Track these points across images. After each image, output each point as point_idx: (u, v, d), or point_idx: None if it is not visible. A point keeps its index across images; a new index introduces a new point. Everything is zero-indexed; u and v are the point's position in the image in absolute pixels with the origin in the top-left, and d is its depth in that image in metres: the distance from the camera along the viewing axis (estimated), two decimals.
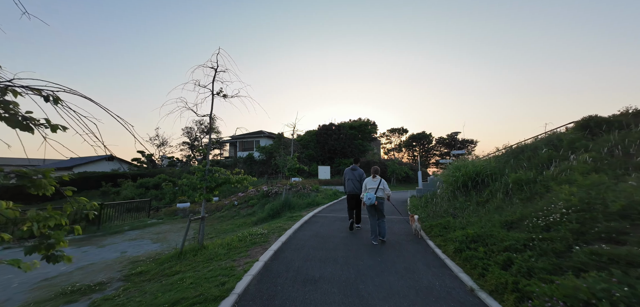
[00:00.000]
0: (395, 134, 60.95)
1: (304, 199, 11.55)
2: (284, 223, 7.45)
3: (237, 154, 33.41)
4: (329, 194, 12.74)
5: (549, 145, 5.88)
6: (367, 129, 31.21)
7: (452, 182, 7.01)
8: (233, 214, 12.25)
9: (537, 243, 3.22)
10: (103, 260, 5.67)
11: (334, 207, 10.26)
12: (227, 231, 8.69)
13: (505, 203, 5.04)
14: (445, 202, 6.71)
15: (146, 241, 7.45)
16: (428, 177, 13.36)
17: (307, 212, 9.34)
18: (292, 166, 11.07)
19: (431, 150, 59.29)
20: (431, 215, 6.56)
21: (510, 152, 7.17)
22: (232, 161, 31.13)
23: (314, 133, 29.77)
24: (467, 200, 6.25)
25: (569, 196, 3.65)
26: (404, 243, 5.14)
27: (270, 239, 5.76)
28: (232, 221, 10.93)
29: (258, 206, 12.30)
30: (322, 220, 7.59)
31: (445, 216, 6.06)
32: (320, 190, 13.93)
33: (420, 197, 8.69)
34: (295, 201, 10.83)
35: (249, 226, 9.32)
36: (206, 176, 5.94)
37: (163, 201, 19.86)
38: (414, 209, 7.75)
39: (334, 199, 12.32)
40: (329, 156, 28.68)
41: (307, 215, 8.29)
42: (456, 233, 4.60)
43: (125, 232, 8.75)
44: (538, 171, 5.26)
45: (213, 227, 9.67)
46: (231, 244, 5.59)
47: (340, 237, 5.68)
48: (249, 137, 33.75)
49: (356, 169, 6.56)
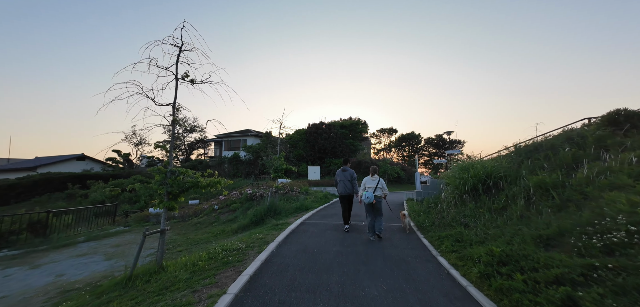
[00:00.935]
0: (384, 134, 60.86)
1: (292, 203, 10.50)
2: (267, 233, 6.39)
3: (222, 153, 31.80)
4: (319, 197, 11.75)
5: (570, 143, 5.15)
6: (358, 128, 30.47)
7: (459, 185, 6.19)
8: (212, 219, 11.02)
9: (605, 273, 2.36)
10: (24, 289, 4.41)
11: (325, 212, 9.27)
12: (201, 242, 7.51)
13: (530, 212, 4.22)
14: (453, 208, 5.88)
15: (98, 257, 6.18)
16: (424, 177, 12.64)
17: (294, 218, 8.30)
18: (279, 167, 9.99)
19: (420, 151, 59.76)
20: (438, 223, 5.70)
21: (521, 150, 6.44)
22: (216, 160, 29.53)
23: (303, 132, 28.69)
24: (478, 206, 5.44)
25: (630, 207, 2.83)
26: (412, 261, 4.21)
27: (247, 257, 4.69)
28: (210, 228, 9.72)
29: (241, 210, 11.13)
30: (311, 229, 6.58)
31: (455, 225, 5.21)
32: (310, 192, 12.92)
33: (421, 201, 7.86)
34: (281, 206, 9.76)
35: (228, 235, 8.17)
36: (167, 180, 4.79)
37: (137, 205, 18.21)
38: (416, 215, 6.90)
39: (324, 202, 11.34)
40: (319, 155, 27.70)
41: (295, 223, 7.26)
42: (476, 250, 3.72)
43: (78, 244, 7.39)
44: (564, 173, 4.49)
45: (186, 236, 8.45)
46: (198, 264, 4.48)
47: (333, 253, 4.69)
48: (235, 136, 32.22)
49: (347, 170, 6.53)
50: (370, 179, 5.80)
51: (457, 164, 7.09)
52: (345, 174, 6.49)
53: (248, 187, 13.43)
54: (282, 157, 10.31)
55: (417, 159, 10.51)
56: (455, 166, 7.09)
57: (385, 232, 6.12)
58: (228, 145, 31.95)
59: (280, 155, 10.40)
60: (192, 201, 17.62)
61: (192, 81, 5.20)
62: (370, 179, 5.80)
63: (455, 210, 5.71)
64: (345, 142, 28.33)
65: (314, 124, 28.77)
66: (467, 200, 5.84)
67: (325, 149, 27.25)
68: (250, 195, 11.84)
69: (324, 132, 27.65)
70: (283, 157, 10.35)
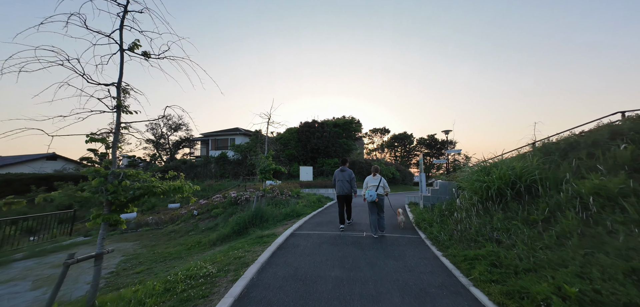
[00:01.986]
0: (377, 134, 60.43)
1: (281, 208, 9.29)
2: (249, 249, 5.19)
3: (208, 153, 30.12)
4: (312, 201, 10.59)
5: (622, 140, 4.20)
6: (351, 127, 29.45)
7: (479, 190, 5.17)
8: (190, 227, 9.66)
9: None
10: None
11: (320, 218, 8.12)
12: (169, 259, 6.21)
13: (593, 229, 3.20)
14: (475, 217, 4.84)
15: (25, 284, 4.78)
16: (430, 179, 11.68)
17: (284, 227, 7.11)
18: (266, 167, 8.77)
19: (412, 151, 59.65)
20: (458, 237, 4.64)
21: (551, 147, 5.48)
22: (202, 160, 27.85)
23: (295, 131, 27.45)
24: (507, 216, 4.41)
25: None
26: (437, 294, 3.11)
27: (216, 289, 3.49)
28: (186, 238, 8.38)
29: (223, 216, 9.83)
30: (303, 242, 5.42)
31: (483, 241, 4.17)
32: (302, 195, 11.73)
33: (431, 208, 6.83)
34: (269, 212, 8.53)
35: (204, 248, 6.89)
36: (107, 185, 3.53)
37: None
38: (427, 224, 5.85)
39: (318, 206, 10.18)
40: (312, 155, 26.52)
41: (284, 234, 6.07)
42: (531, 284, 2.67)
43: (11, 263, 5.93)
44: (626, 177, 3.51)
45: (154, 250, 7.10)
46: (145, 302, 3.24)
47: (332, 281, 3.55)
48: (223, 134, 30.59)
49: (345, 170, 6.71)
50: (372, 178, 6.00)
51: (465, 164, 6.07)
52: (344, 174, 6.60)
53: (232, 190, 12.12)
54: (270, 157, 9.09)
55: (421, 160, 9.37)
56: (471, 166, 6.10)
57: (395, 245, 5.06)
58: (215, 145, 30.31)
59: (268, 154, 9.18)
60: (172, 204, 16.10)
61: (146, 54, 3.95)
62: (372, 178, 6.00)
63: (479, 220, 4.68)
64: (338, 142, 27.27)
65: (306, 122, 27.57)
66: (491, 208, 4.82)
67: (318, 149, 26.10)
68: (235, 199, 10.55)
69: (316, 130, 26.50)
70: (271, 156, 9.13)
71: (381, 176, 6.02)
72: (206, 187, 19.64)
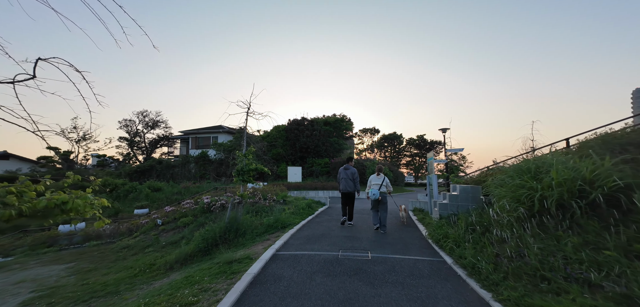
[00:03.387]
0: (367, 134, 59.70)
1: (264, 217, 7.66)
2: (208, 285, 3.57)
3: (188, 152, 27.80)
4: (301, 207, 9.00)
5: None
6: (342, 126, 28.06)
7: (526, 200, 3.80)
8: (149, 241, 7.83)
9: None
10: None
11: (311, 230, 6.54)
12: (100, 294, 4.44)
13: None
14: (530, 239, 3.44)
15: None
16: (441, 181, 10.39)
17: (264, 244, 5.51)
18: (245, 167, 7.13)
19: (402, 151, 59.32)
20: (510, 269, 3.22)
21: (610, 142, 4.21)
22: (180, 160, 25.54)
23: (282, 129, 25.74)
24: (586, 241, 3.04)
25: None
26: None
27: None
28: (139, 257, 6.58)
29: (192, 227, 8.07)
30: (288, 272, 3.84)
31: (557, 277, 2.77)
32: (289, 200, 10.12)
33: (450, 219, 5.44)
34: (247, 222, 6.89)
35: (154, 275, 5.17)
36: None
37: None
38: (452, 242, 4.43)
39: (308, 214, 8.61)
40: (301, 155, 24.90)
41: (262, 257, 4.46)
42: None
43: None
44: None
45: (86, 278, 5.28)
46: None
47: None
48: (204, 132, 28.33)
49: (349, 168, 6.81)
50: (376, 177, 6.25)
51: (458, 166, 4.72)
52: (348, 173, 6.70)
53: (206, 194, 10.32)
54: (250, 155, 7.45)
55: (431, 159, 7.86)
56: (509, 168, 4.76)
57: (417, 276, 3.58)
58: (196, 143, 28.02)
59: (248, 151, 7.53)
60: (140, 209, 13.99)
61: None
62: (376, 177, 6.25)
63: (539, 244, 3.29)
64: (329, 141, 25.80)
65: (295, 120, 25.92)
66: (551, 226, 3.46)
67: (307, 148, 24.51)
68: (208, 205, 8.80)
69: (306, 129, 24.90)
70: (252, 154, 7.49)
71: (384, 175, 6.25)
72: (182, 189, 17.58)
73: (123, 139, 29.44)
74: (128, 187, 16.34)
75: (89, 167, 25.75)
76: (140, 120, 30.24)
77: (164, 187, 17.57)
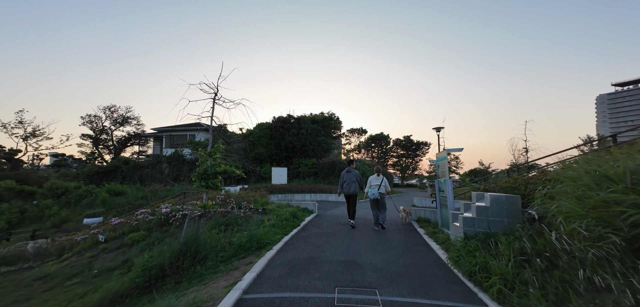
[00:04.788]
0: (354, 135, 58.96)
1: (236, 232, 5.98)
2: None
3: (162, 151, 25.25)
4: (285, 217, 7.37)
5: None
6: (331, 124, 26.66)
7: (623, 223, 2.47)
8: (81, 265, 5.91)
9: None
10: None
11: (297, 251, 4.93)
12: None
13: None
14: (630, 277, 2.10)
15: None
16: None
17: (229, 277, 3.88)
18: (209, 170, 5.46)
19: (389, 152, 59.06)
20: None
21: None
22: (151, 160, 23.00)
23: (266, 127, 23.93)
24: None
25: None
26: None
27: None
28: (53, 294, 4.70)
29: (142, 246, 6.23)
30: None
31: None
32: (270, 208, 8.46)
33: (475, 238, 4.08)
34: (212, 241, 5.20)
35: None
36: None
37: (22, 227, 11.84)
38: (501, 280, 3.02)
39: (293, 226, 7.01)
40: (286, 155, 23.20)
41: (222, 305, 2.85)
42: None
43: None
44: None
45: None
46: None
47: None
48: (180, 130, 25.85)
49: (351, 171, 6.80)
50: (375, 178, 6.57)
51: None
52: (350, 175, 6.73)
53: (166, 203, 8.45)
54: (217, 153, 5.77)
55: (444, 159, 6.39)
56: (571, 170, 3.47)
57: None
58: (171, 142, 25.51)
59: (215, 149, 5.85)
60: (91, 219, 11.72)
61: None
62: (375, 178, 6.57)
63: None
64: (316, 140, 24.30)
65: (280, 117, 24.18)
66: None
67: (293, 147, 22.86)
68: (166, 217, 6.98)
69: (292, 127, 23.24)
70: (220, 153, 5.82)
71: (383, 176, 6.49)
72: (149, 194, 15.35)
73: (86, 137, 26.33)
74: (82, 192, 13.94)
75: (41, 168, 22.58)
76: (108, 116, 27.26)
77: (128, 191, 15.26)
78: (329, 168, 21.37)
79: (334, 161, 22.26)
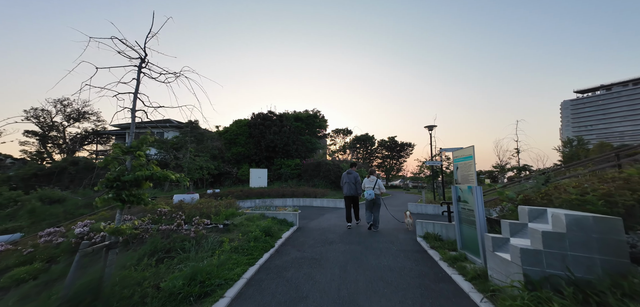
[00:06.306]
0: (340, 135, 57.79)
1: (175, 265, 4.01)
2: None
3: None
4: (255, 235, 5.45)
5: None
6: (316, 123, 24.89)
7: None
8: None
9: None
10: None
11: (265, 301, 3.09)
12: None
13: None
14: None
15: None
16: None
17: None
18: (129, 176, 3.48)
19: (374, 153, 58.49)
20: None
21: None
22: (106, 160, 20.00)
23: (245, 124, 21.71)
24: None
25: None
26: None
27: None
28: None
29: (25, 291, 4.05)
30: None
31: None
32: (237, 221, 6.45)
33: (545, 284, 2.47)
34: (127, 287, 3.22)
35: None
36: None
37: None
38: None
39: (264, 248, 5.10)
40: (267, 155, 21.09)
41: None
42: None
43: None
44: None
45: None
46: None
47: None
48: (146, 126, 22.94)
49: (351, 173, 7.16)
50: (368, 180, 6.95)
51: None
52: (350, 177, 7.07)
53: (83, 220, 6.21)
54: (143, 147, 3.79)
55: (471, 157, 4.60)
56: None
57: None
58: None
59: (140, 141, 3.87)
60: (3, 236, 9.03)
61: None
62: (368, 180, 6.95)
63: None
64: (300, 139, 22.40)
65: (260, 113, 22.05)
66: None
67: (275, 147, 20.80)
68: (80, 237, 4.84)
69: (273, 124, 21.18)
70: (147, 144, 3.84)
71: (376, 178, 6.92)
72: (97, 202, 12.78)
73: (31, 133, 22.63)
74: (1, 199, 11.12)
75: None
76: (59, 111, 23.67)
77: (68, 198, 12.54)
78: (313, 169, 19.56)
79: (319, 162, 20.49)
